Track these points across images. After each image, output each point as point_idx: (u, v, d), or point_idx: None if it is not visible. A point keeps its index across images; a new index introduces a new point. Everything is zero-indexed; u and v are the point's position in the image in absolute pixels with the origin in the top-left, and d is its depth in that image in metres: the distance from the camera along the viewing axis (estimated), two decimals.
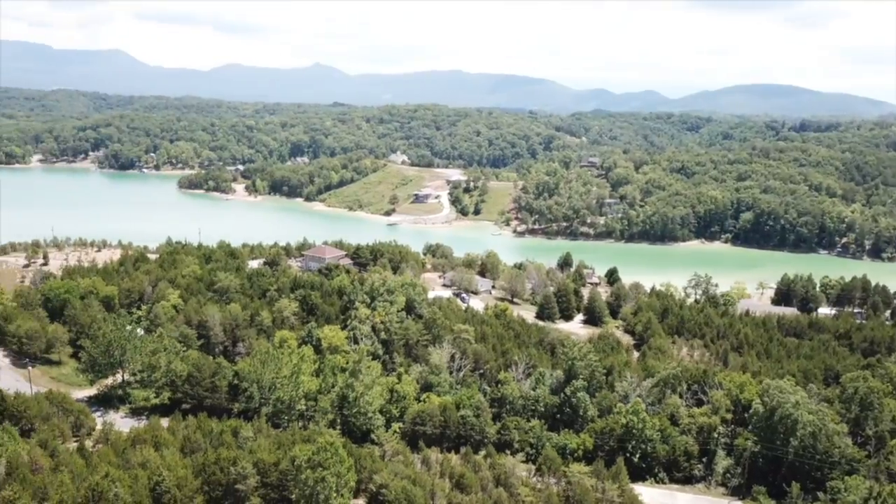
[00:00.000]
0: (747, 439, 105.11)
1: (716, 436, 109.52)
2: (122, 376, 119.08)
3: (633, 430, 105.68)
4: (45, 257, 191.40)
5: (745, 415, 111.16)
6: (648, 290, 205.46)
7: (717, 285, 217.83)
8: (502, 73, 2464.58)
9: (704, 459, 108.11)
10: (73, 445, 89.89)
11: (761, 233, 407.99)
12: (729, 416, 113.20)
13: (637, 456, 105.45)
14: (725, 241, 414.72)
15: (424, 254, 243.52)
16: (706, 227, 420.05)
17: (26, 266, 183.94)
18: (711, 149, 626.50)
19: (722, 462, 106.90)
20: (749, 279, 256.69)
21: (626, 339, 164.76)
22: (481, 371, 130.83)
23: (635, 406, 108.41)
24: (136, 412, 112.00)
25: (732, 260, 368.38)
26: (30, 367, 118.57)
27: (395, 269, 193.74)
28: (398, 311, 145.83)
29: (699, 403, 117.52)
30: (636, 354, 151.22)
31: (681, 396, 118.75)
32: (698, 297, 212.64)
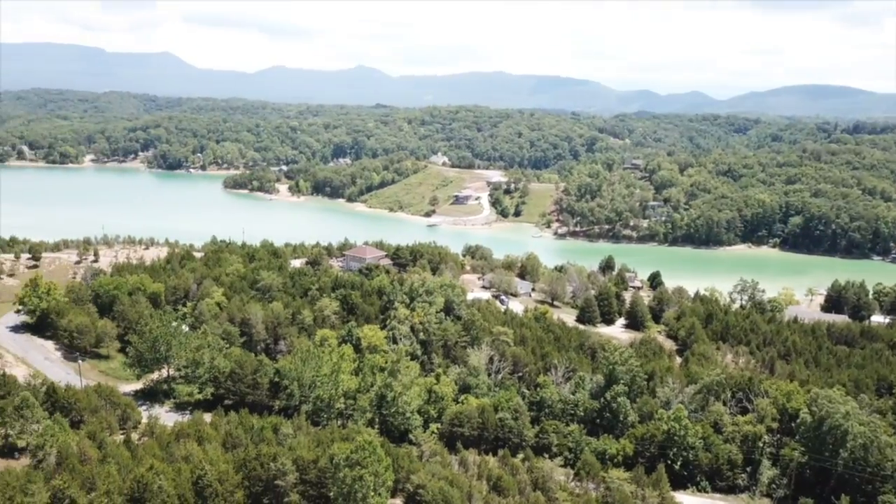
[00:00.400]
0: (794, 449, 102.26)
1: (761, 445, 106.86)
2: (168, 371, 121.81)
3: (675, 437, 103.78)
4: (96, 254, 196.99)
5: (792, 424, 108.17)
6: (692, 295, 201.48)
7: (763, 291, 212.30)
8: (545, 74, 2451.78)
9: (749, 469, 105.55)
10: (119, 438, 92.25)
11: (811, 238, 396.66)
12: (775, 426, 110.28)
13: (678, 463, 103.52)
14: (773, 246, 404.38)
15: (464, 255, 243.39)
16: (753, 231, 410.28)
17: (78, 262, 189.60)
18: (759, 151, 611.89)
19: (767, 472, 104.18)
20: (798, 285, 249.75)
21: (669, 345, 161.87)
22: (520, 374, 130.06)
23: (677, 412, 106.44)
24: (180, 407, 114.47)
25: (780, 265, 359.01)
26: (80, 361, 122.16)
27: (434, 270, 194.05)
28: (437, 312, 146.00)
29: (744, 411, 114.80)
30: (679, 360, 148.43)
31: (725, 404, 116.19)
32: (744, 302, 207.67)
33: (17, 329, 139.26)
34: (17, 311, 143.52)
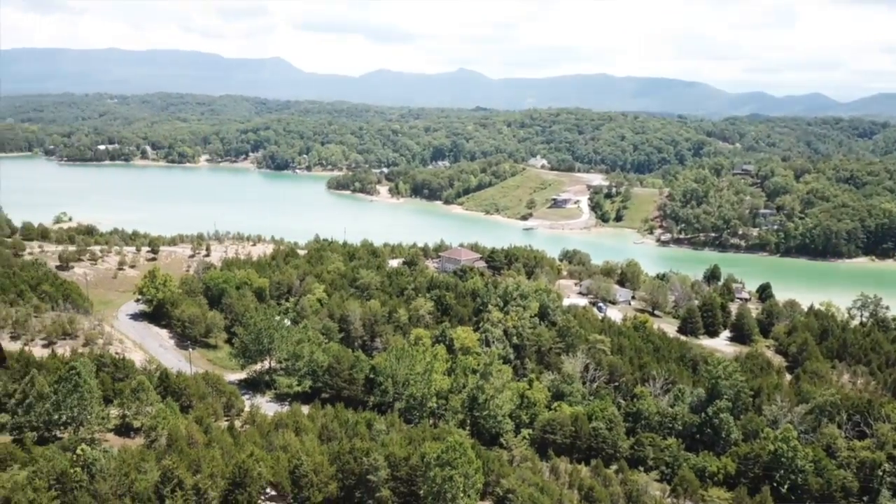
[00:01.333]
0: None
1: (880, 473, 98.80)
2: (270, 363, 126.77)
3: (782, 458, 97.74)
4: (208, 249, 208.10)
5: None
6: (805, 309, 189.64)
7: (887, 308, 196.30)
8: (650, 76, 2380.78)
9: (865, 498, 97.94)
10: (224, 424, 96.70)
11: None
12: None
13: (785, 486, 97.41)
14: None
15: (560, 260, 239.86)
16: (877, 243, 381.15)
17: (191, 256, 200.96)
18: (887, 157, 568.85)
19: (887, 503, 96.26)
20: None
21: (778, 361, 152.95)
22: (616, 384, 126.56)
23: (786, 432, 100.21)
24: (279, 398, 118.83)
25: None
26: (190, 350, 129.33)
27: (529, 274, 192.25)
28: (531, 317, 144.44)
29: (861, 436, 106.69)
30: (788, 377, 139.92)
31: (839, 426, 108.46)
32: (864, 319, 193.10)
33: (135, 317, 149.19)
34: (137, 300, 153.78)
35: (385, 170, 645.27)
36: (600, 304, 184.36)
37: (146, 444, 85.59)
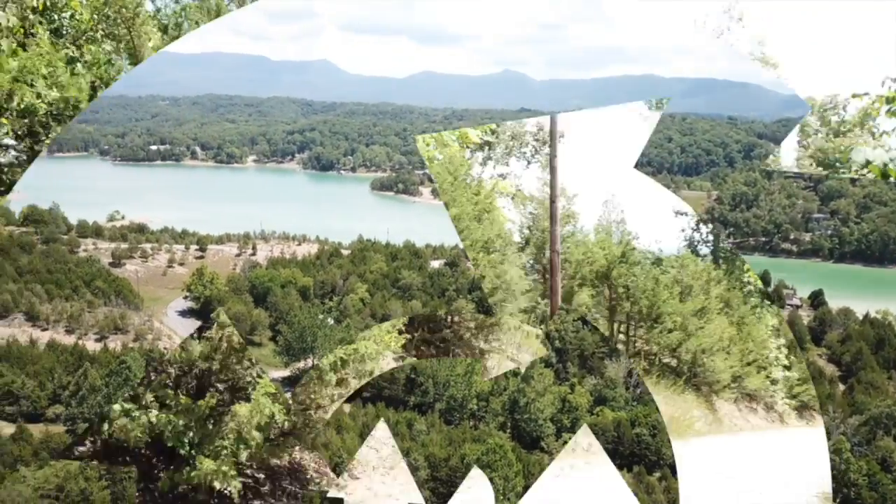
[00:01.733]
0: None
1: None
2: (313, 361, 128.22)
3: (834, 472, 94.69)
4: (254, 248, 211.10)
5: None
6: (860, 317, 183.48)
7: None
8: (699, 76, 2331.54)
9: None
10: None
11: None
12: None
13: (838, 500, 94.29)
14: None
15: None
16: None
17: (238, 255, 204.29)
18: None
19: None
20: None
21: (830, 370, 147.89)
22: None
23: (838, 444, 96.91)
24: None
25: None
26: None
27: None
28: (574, 321, 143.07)
29: None
30: (841, 387, 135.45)
31: None
32: None
33: (184, 313, 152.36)
34: (185, 298, 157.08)
35: (428, 171, 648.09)
36: None
37: None
